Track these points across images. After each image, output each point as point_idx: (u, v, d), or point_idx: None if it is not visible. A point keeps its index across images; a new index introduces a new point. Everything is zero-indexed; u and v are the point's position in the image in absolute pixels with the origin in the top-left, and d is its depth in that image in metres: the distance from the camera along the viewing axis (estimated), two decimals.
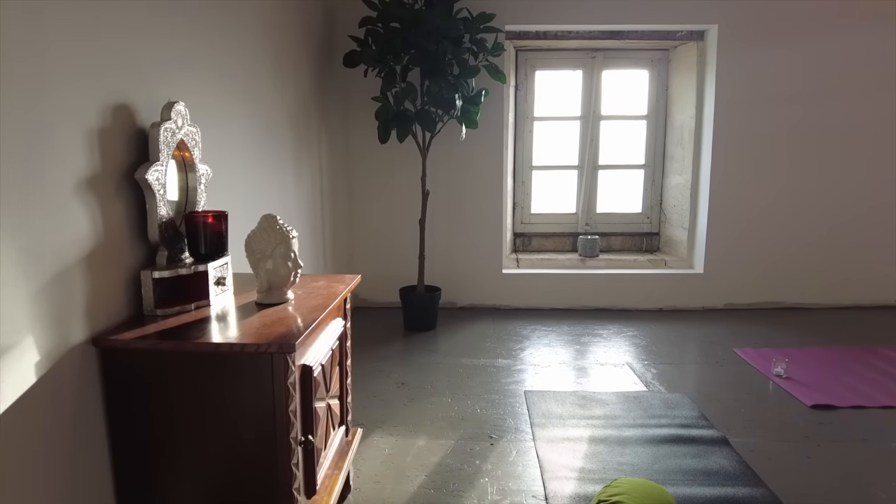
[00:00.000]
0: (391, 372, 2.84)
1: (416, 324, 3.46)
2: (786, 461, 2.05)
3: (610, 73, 4.22)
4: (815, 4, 3.63)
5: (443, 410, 2.43)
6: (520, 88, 4.21)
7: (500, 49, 3.38)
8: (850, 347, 3.18)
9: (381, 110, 3.27)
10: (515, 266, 4.09)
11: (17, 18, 1.03)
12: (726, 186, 3.82)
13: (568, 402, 2.47)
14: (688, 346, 3.28)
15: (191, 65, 1.72)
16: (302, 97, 2.89)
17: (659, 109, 4.25)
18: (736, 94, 3.73)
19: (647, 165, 4.32)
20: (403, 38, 3.13)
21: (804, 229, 3.87)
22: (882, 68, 3.71)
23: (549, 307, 3.94)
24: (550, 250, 4.40)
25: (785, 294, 3.94)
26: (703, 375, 2.86)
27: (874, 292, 3.96)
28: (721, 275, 3.90)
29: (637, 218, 4.39)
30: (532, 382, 2.72)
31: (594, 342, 3.31)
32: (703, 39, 3.84)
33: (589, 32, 3.87)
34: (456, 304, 3.93)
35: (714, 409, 2.44)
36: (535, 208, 4.39)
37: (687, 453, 2.05)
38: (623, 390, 2.63)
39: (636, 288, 3.93)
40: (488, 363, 2.96)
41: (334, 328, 1.57)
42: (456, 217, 3.85)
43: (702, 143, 3.89)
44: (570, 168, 4.37)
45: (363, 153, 3.78)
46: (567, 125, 4.33)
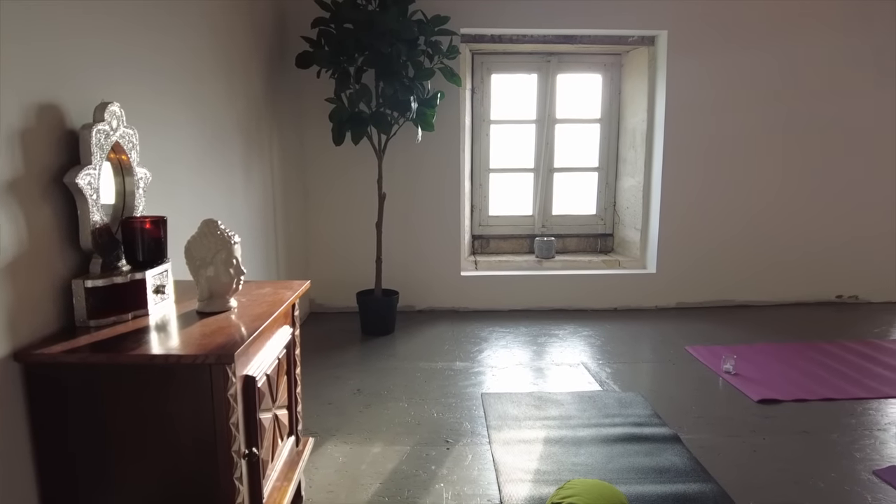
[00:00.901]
0: (347, 378, 2.80)
1: (374, 328, 3.42)
2: (734, 456, 2.11)
3: (564, 77, 4.27)
4: (763, 12, 3.76)
5: (399, 416, 2.41)
6: (476, 91, 4.22)
7: (456, 52, 3.38)
8: (794, 343, 3.30)
9: (335, 112, 3.22)
10: (474, 268, 4.10)
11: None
12: (677, 188, 3.91)
13: (524, 404, 2.48)
14: (641, 344, 3.35)
15: (131, 66, 1.65)
16: (252, 99, 2.82)
17: (612, 113, 4.33)
18: (686, 99, 3.83)
19: (600, 168, 4.39)
20: (357, 39, 3.09)
21: (751, 230, 4.00)
22: (828, 74, 3.86)
23: (507, 309, 3.95)
24: (508, 252, 4.43)
25: (733, 293, 4.07)
26: (656, 373, 2.92)
27: (815, 289, 4.13)
28: (672, 275, 4.00)
29: (591, 220, 4.46)
30: (489, 385, 2.72)
31: (551, 342, 3.34)
32: (653, 45, 3.94)
33: (543, 36, 3.91)
34: (414, 308, 3.91)
35: (666, 407, 2.49)
36: (492, 210, 4.41)
37: (640, 452, 2.08)
38: (578, 390, 2.65)
39: (591, 288, 3.99)
40: (446, 366, 2.94)
41: (281, 336, 1.52)
42: (414, 220, 3.83)
43: (653, 146, 3.98)
44: (527, 171, 4.40)
45: (318, 156, 3.72)
46: (523, 128, 4.36)
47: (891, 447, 2.18)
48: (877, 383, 2.74)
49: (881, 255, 4.13)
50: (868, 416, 2.43)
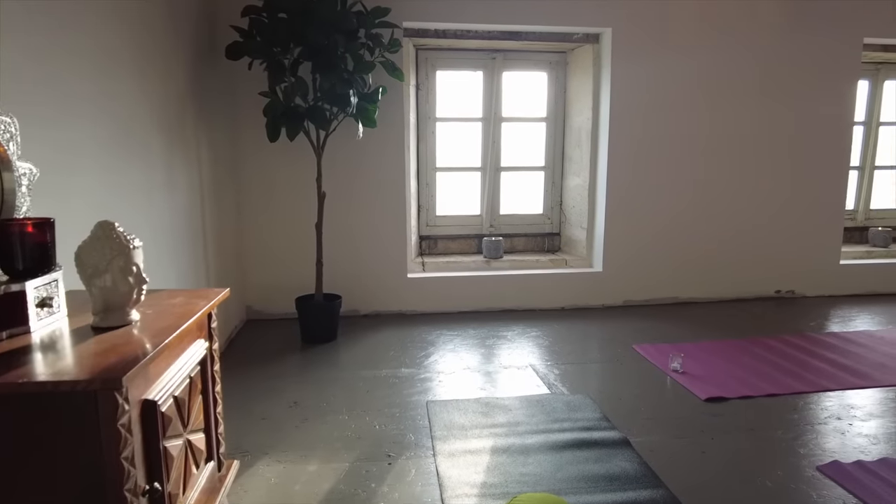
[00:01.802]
0: (284, 390, 2.62)
1: (315, 335, 3.25)
2: (683, 458, 2.07)
3: (510, 75, 4.21)
4: (703, 14, 3.80)
5: (338, 430, 2.26)
6: (421, 88, 4.10)
7: (397, 45, 3.25)
8: (737, 339, 3.33)
9: (269, 106, 3.04)
10: (421, 270, 3.97)
11: None
12: (622, 187, 3.91)
13: (471, 411, 2.38)
14: (589, 344, 3.31)
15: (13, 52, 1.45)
16: (174, 93, 2.60)
17: (558, 111, 4.29)
18: (630, 97, 3.83)
19: (546, 167, 4.35)
20: (291, 29, 2.92)
21: (695, 228, 4.05)
22: (765, 77, 3.94)
23: (455, 310, 3.85)
24: (456, 252, 4.33)
25: (678, 290, 4.10)
26: (605, 374, 2.88)
27: (755, 286, 4.22)
28: (619, 273, 3.99)
29: (539, 219, 4.42)
30: (436, 392, 2.61)
31: (499, 345, 3.25)
32: (598, 43, 3.92)
33: (488, 32, 3.83)
34: (359, 312, 3.75)
35: (615, 409, 2.44)
36: (440, 210, 4.30)
37: (589, 458, 2.01)
38: (526, 394, 2.57)
39: (539, 288, 3.94)
40: (391, 374, 2.81)
41: (193, 352, 1.36)
42: (357, 220, 3.67)
43: (598, 145, 3.96)
44: (474, 170, 4.32)
45: (254, 153, 3.52)
46: (470, 126, 4.28)
47: (831, 441, 2.19)
48: (815, 376, 2.78)
49: (815, 252, 4.26)
50: (809, 411, 2.45)
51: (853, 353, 3.10)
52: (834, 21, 3.98)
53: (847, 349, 3.16)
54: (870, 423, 2.34)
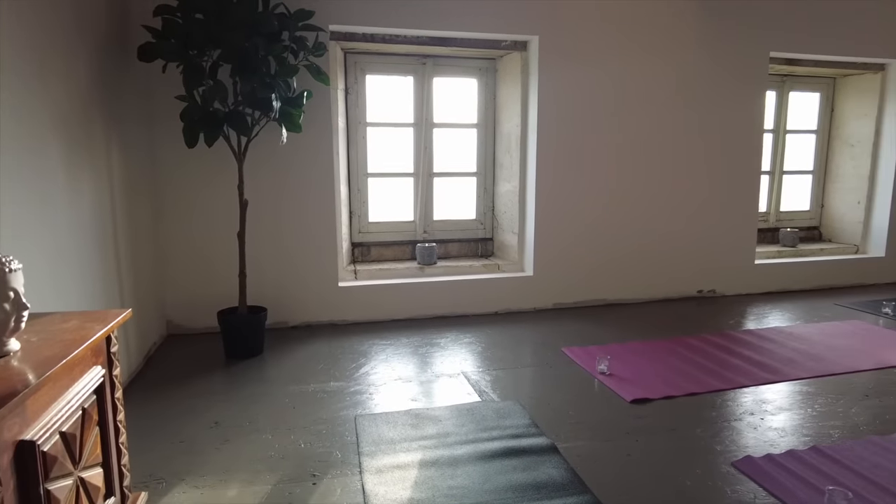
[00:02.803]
0: (204, 410, 2.49)
1: (239, 350, 3.11)
2: (609, 462, 2.10)
3: (441, 81, 4.21)
4: (626, 26, 3.92)
5: (262, 450, 2.16)
6: (350, 92, 4.03)
7: (322, 49, 3.17)
8: (662, 339, 3.45)
9: (186, 111, 2.89)
10: (353, 278, 3.90)
11: None
12: (550, 193, 3.98)
13: (400, 424, 2.33)
14: (521, 348, 3.33)
15: None
16: (77, 98, 2.41)
17: (488, 118, 4.32)
18: (557, 105, 3.90)
19: (479, 173, 4.37)
20: (208, 31, 2.79)
21: (620, 231, 4.17)
22: (683, 87, 4.12)
23: (388, 319, 3.80)
24: (390, 259, 4.28)
25: (606, 292, 4.22)
26: (535, 378, 2.90)
27: (678, 286, 4.40)
28: (549, 276, 4.06)
29: (472, 224, 4.43)
30: (366, 405, 2.55)
31: (432, 353, 3.23)
32: (525, 50, 3.97)
33: (417, 38, 3.81)
34: (287, 324, 3.63)
35: (544, 414, 2.46)
36: (372, 217, 4.24)
37: (517, 467, 2.01)
38: (457, 403, 2.56)
39: (473, 293, 3.95)
40: (319, 388, 2.73)
41: (88, 380, 1.25)
42: (284, 228, 3.56)
43: (527, 152, 4.01)
44: (407, 175, 4.28)
45: (173, 159, 3.34)
46: (401, 132, 4.24)
47: (745, 437, 2.29)
48: (732, 374, 2.91)
49: (732, 252, 4.49)
50: (726, 408, 2.55)
51: (766, 349, 3.27)
52: (743, 36, 4.21)
53: (761, 346, 3.33)
54: (779, 416, 2.47)
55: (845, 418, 2.44)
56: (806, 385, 2.80)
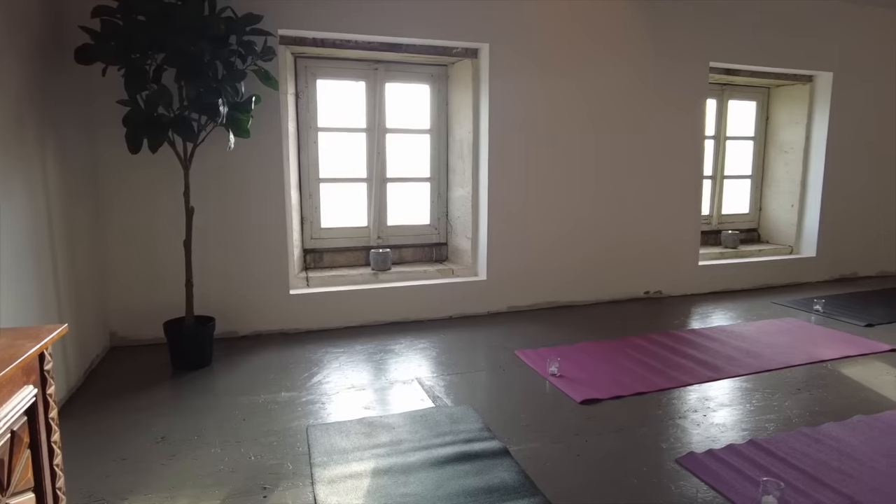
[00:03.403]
0: (150, 425, 2.41)
1: (186, 361, 3.03)
2: (559, 463, 2.15)
3: (393, 86, 4.21)
4: (573, 37, 4.02)
5: (210, 464, 2.11)
6: (301, 97, 3.98)
7: (271, 53, 3.13)
8: (611, 340, 3.55)
9: (129, 116, 2.80)
10: (305, 285, 3.85)
11: None
12: (503, 198, 4.04)
13: (353, 433, 2.32)
14: (474, 353, 3.37)
15: None
16: (7, 102, 2.31)
17: (441, 124, 4.35)
18: (508, 112, 3.96)
19: (432, 178, 4.39)
20: (151, 33, 2.71)
21: (570, 235, 4.27)
22: (629, 96, 4.25)
23: (342, 326, 3.77)
24: (344, 265, 4.25)
25: (557, 294, 4.31)
26: (488, 382, 2.94)
27: (626, 287, 4.53)
28: (502, 280, 4.12)
29: (426, 229, 4.45)
30: (318, 415, 2.52)
31: (386, 359, 3.22)
32: (476, 58, 4.02)
33: (369, 43, 3.80)
34: (237, 334, 3.56)
35: (497, 418, 2.50)
36: (325, 222, 4.20)
37: (470, 472, 2.03)
38: (410, 409, 2.56)
39: (427, 298, 3.96)
40: (270, 399, 2.68)
41: (17, 402, 1.20)
42: (233, 236, 3.48)
43: (480, 158, 4.06)
44: (360, 181, 4.26)
45: (116, 165, 3.22)
46: (354, 137, 4.22)
47: (689, 434, 2.38)
48: (677, 373, 3.02)
49: (677, 254, 4.66)
50: (671, 406, 2.65)
51: (709, 347, 3.41)
52: (685, 47, 4.38)
53: (704, 344, 3.47)
54: (721, 412, 2.58)
55: (779, 412, 2.57)
56: (745, 381, 2.93)
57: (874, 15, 5.04)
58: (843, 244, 5.30)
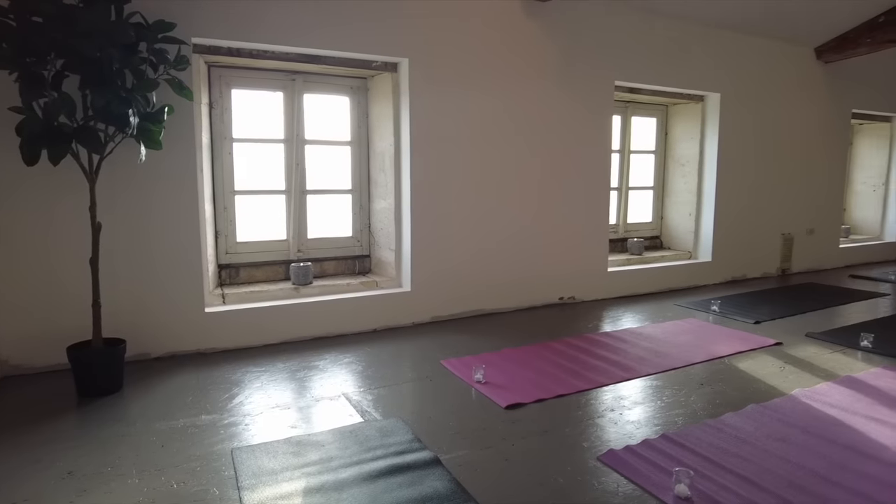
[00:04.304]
0: (54, 460, 2.23)
1: (94, 388, 2.83)
2: (489, 468, 2.21)
3: (312, 98, 4.16)
4: (489, 55, 4.17)
5: (128, 497, 1.99)
6: (215, 107, 3.85)
7: (185, 63, 3.01)
8: (531, 345, 3.68)
9: (24, 125, 2.59)
10: (221, 302, 3.70)
11: None
12: (425, 210, 4.10)
13: (281, 453, 2.27)
14: (401, 364, 3.38)
15: None
16: None
17: (361, 136, 4.35)
18: (428, 126, 4.04)
19: (353, 190, 4.38)
20: (50, 37, 2.53)
21: (490, 244, 4.41)
22: (543, 112, 4.45)
23: (262, 343, 3.66)
24: (262, 281, 4.13)
25: (480, 303, 4.42)
26: (416, 393, 2.96)
27: (544, 294, 4.73)
28: (426, 291, 4.17)
29: (348, 242, 4.42)
30: (242, 437, 2.44)
31: (310, 376, 3.17)
32: (396, 71, 4.07)
33: (286, 54, 3.74)
34: (149, 356, 3.36)
35: (426, 428, 2.53)
36: (241, 236, 4.07)
37: (402, 483, 2.05)
38: (339, 426, 2.54)
39: (351, 312, 3.93)
40: (189, 423, 2.56)
41: None
42: (143, 252, 3.30)
43: (401, 170, 4.10)
44: (278, 193, 4.17)
45: (9, 180, 2.96)
46: (272, 148, 4.13)
47: (608, 432, 2.53)
48: (594, 374, 3.19)
49: (588, 261, 4.93)
50: (590, 406, 2.80)
51: (621, 349, 3.63)
52: (593, 66, 4.67)
53: (616, 346, 3.68)
54: (635, 410, 2.76)
55: (686, 406, 2.79)
56: (655, 380, 3.14)
57: (754, 43, 5.61)
58: (733, 249, 5.82)
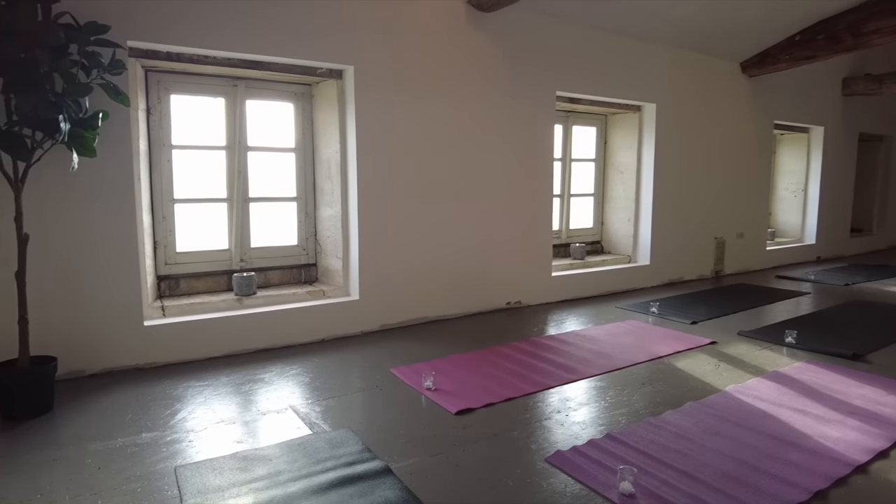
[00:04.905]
0: None
1: (21, 409, 2.66)
2: (440, 474, 2.23)
3: (255, 104, 4.08)
4: (434, 63, 4.21)
5: None
6: (153, 113, 3.72)
7: (120, 67, 2.90)
8: (479, 350, 3.73)
9: None
10: (161, 315, 3.57)
11: None
12: (373, 217, 4.09)
13: (227, 469, 2.21)
14: (350, 374, 3.35)
15: None
16: None
17: (306, 143, 4.30)
18: (375, 133, 4.03)
19: (299, 198, 4.32)
20: None
21: (439, 251, 4.44)
22: (488, 121, 4.53)
23: (205, 357, 3.55)
24: (203, 292, 4.00)
25: (429, 309, 4.44)
26: (366, 403, 2.95)
27: (491, 299, 4.80)
28: (375, 299, 4.15)
29: (294, 250, 4.35)
30: (186, 454, 2.36)
31: (256, 389, 3.09)
32: (342, 78, 4.05)
33: (228, 59, 3.66)
34: (84, 373, 3.20)
35: (376, 437, 2.52)
36: (181, 246, 3.93)
37: (354, 494, 2.04)
38: (287, 439, 2.49)
39: (297, 322, 3.87)
40: (128, 442, 2.45)
41: None
42: (76, 264, 3.14)
43: (348, 177, 4.08)
44: (219, 201, 4.07)
45: None
46: (213, 155, 4.02)
47: (555, 434, 2.59)
48: (540, 377, 3.27)
49: (533, 266, 5.04)
50: (537, 409, 2.86)
51: (566, 351, 3.73)
52: (536, 76, 4.79)
53: (561, 349, 3.78)
54: (580, 411, 2.84)
55: (629, 405, 2.89)
56: (599, 381, 3.25)
57: (686, 57, 5.90)
58: (670, 253, 6.08)
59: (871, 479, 2.20)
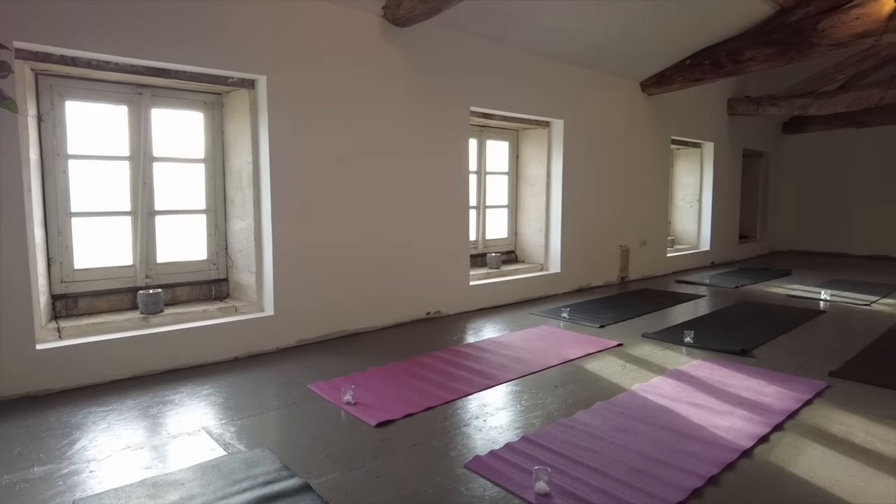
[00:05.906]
0: None
1: None
2: (360, 488, 2.22)
3: (161, 112, 3.91)
4: (348, 76, 4.21)
5: None
6: (45, 120, 3.47)
7: (6, 70, 2.68)
8: (398, 361, 3.75)
9: None
10: (56, 337, 3.31)
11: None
12: (287, 230, 4.02)
13: (134, 497, 2.09)
14: (265, 392, 3.27)
15: None
16: None
17: (216, 153, 4.16)
18: (289, 144, 3.97)
19: (208, 210, 4.16)
20: None
21: (356, 263, 4.42)
22: (405, 135, 4.58)
23: (108, 380, 3.33)
24: (105, 311, 3.76)
25: (347, 323, 4.40)
26: (283, 421, 2.89)
27: (410, 310, 4.83)
28: (290, 314, 4.07)
29: (203, 265, 4.18)
30: (86, 486, 2.21)
31: (165, 411, 2.95)
32: (254, 88, 3.96)
33: (132, 66, 3.49)
34: None
35: (295, 455, 2.48)
36: (79, 263, 3.68)
37: None
38: (199, 461, 2.40)
39: (209, 340, 3.72)
40: (17, 478, 2.26)
41: None
42: None
43: (261, 189, 3.99)
44: (122, 214, 3.84)
45: None
46: (115, 166, 3.80)
47: (473, 439, 2.66)
48: (459, 384, 3.33)
49: (451, 276, 5.13)
50: (456, 416, 2.92)
51: (483, 358, 3.83)
52: (450, 92, 4.91)
53: (479, 356, 3.88)
54: (498, 416, 2.93)
55: (543, 408, 3.02)
56: (515, 385, 3.36)
57: (591, 75, 6.25)
58: (579, 260, 6.39)
59: (754, 462, 2.44)
